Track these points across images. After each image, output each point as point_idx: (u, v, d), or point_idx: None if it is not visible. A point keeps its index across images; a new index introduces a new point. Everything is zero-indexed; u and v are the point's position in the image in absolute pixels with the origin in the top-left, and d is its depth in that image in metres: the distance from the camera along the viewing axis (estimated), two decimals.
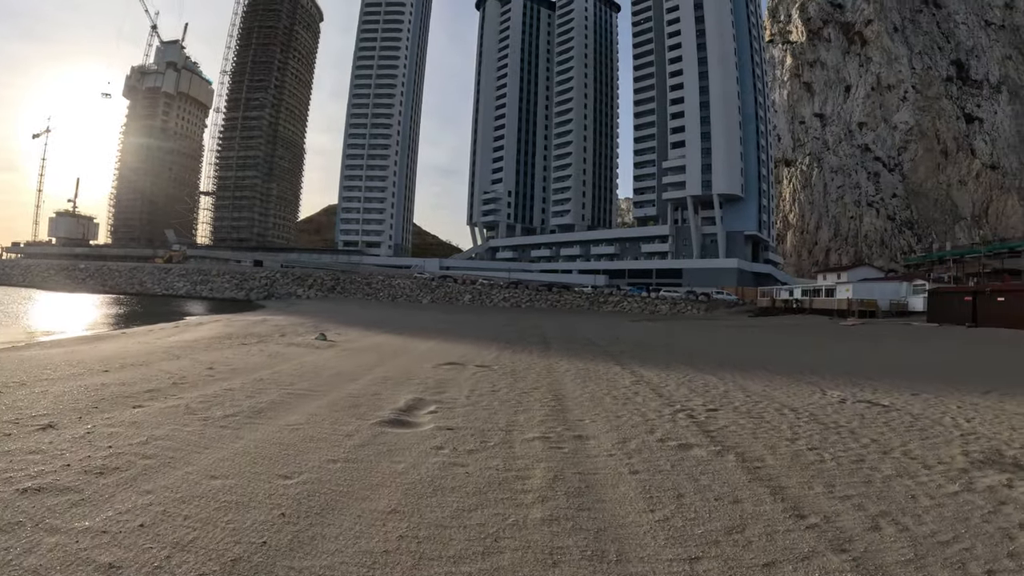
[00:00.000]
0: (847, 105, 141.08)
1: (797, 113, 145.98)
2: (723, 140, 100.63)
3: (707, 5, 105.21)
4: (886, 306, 58.07)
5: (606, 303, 77.14)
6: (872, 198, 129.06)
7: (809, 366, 17.16)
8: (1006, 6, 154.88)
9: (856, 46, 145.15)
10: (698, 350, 22.81)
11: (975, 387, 13.36)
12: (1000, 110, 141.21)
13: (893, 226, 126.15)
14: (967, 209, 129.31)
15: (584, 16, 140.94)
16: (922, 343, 29.55)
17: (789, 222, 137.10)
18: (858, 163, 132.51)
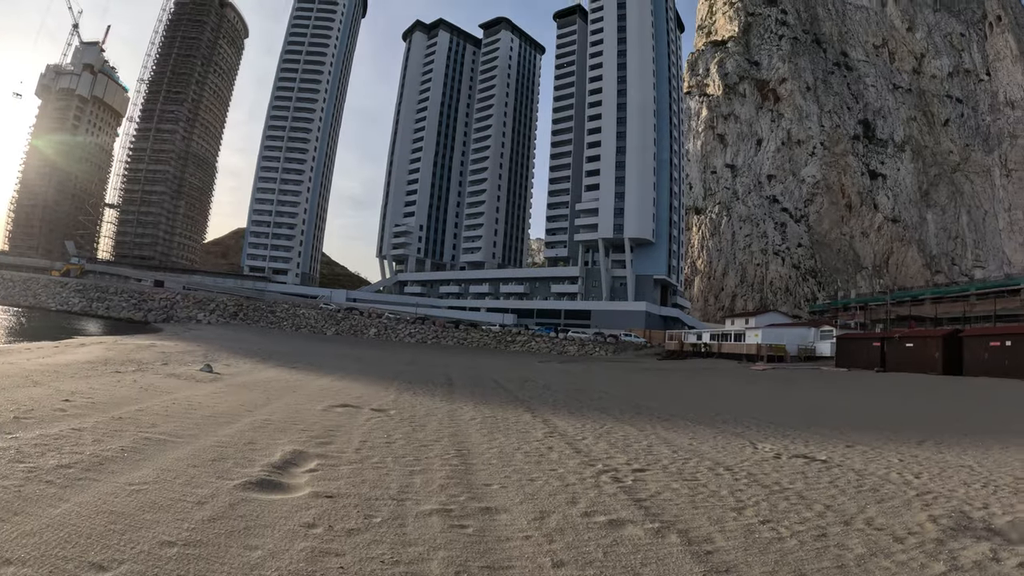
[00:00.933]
0: (758, 158, 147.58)
1: (709, 163, 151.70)
2: (637, 185, 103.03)
3: (630, 53, 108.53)
4: (794, 351, 59.43)
5: (514, 342, 77.23)
6: (778, 247, 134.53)
7: (730, 414, 17.02)
8: (913, 71, 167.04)
9: (769, 102, 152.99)
10: (611, 395, 22.34)
11: (907, 436, 13.57)
12: (903, 167, 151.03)
13: (798, 274, 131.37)
14: (869, 259, 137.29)
15: (508, 56, 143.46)
16: (838, 389, 30.13)
17: (697, 268, 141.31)
18: (766, 213, 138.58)
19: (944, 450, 11.60)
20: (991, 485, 8.70)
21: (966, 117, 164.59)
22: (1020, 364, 36.25)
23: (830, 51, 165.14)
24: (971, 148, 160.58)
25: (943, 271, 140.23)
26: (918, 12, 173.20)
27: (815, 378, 38.26)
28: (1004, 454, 11.53)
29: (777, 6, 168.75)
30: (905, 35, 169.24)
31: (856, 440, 12.53)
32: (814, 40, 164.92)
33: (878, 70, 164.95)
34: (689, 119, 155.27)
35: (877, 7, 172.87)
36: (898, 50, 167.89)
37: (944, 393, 28.07)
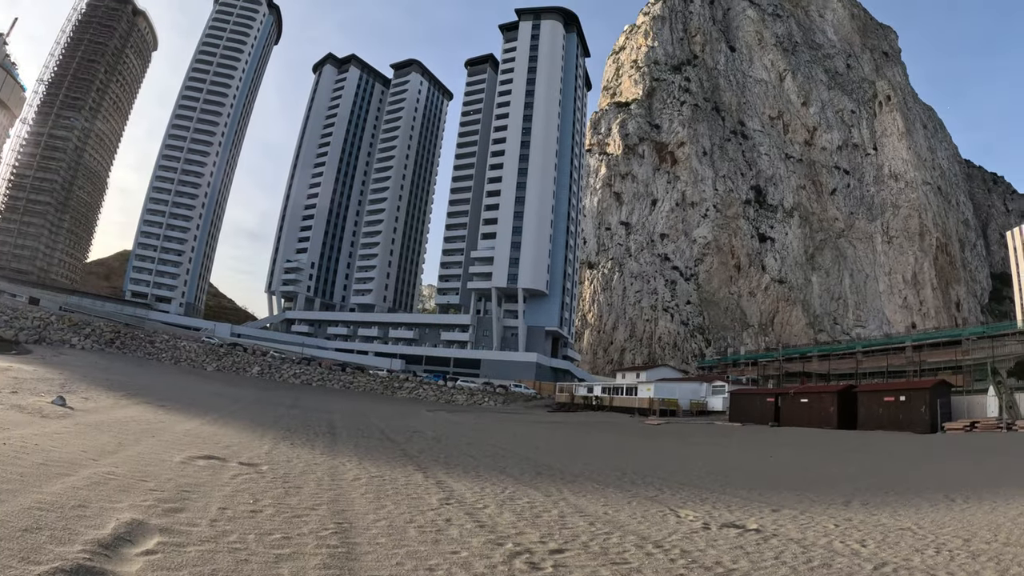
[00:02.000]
0: (652, 217, 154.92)
1: (605, 220, 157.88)
2: (534, 236, 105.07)
3: (537, 106, 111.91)
4: (686, 405, 61.18)
5: (401, 388, 76.74)
6: (668, 303, 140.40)
7: (637, 474, 16.37)
8: (805, 143, 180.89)
9: (667, 164, 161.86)
10: (508, 451, 21.46)
11: (829, 496, 13.30)
12: (791, 232, 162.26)
13: (686, 330, 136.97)
14: (755, 318, 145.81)
15: (416, 98, 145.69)
16: (739, 445, 30.23)
17: (588, 321, 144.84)
18: (657, 271, 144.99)
19: (875, 511, 11.39)
20: (944, 550, 8.47)
21: (852, 187, 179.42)
22: (914, 418, 38.96)
23: (728, 119, 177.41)
24: (856, 216, 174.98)
25: (826, 330, 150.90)
26: (813, 88, 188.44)
27: (712, 433, 38.98)
28: (936, 512, 11.60)
29: (681, 74, 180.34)
30: (800, 109, 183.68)
31: (779, 503, 12.18)
32: (714, 108, 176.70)
33: (772, 140, 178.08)
34: (587, 176, 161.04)
35: (776, 81, 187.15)
36: (792, 122, 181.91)
37: (846, 448, 28.86)
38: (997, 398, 41.96)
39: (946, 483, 16.55)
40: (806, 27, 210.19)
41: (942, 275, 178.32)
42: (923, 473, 19.74)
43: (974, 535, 9.43)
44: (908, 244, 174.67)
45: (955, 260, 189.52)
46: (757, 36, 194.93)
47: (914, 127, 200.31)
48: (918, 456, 24.91)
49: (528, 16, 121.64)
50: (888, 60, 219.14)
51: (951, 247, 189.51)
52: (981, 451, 26.21)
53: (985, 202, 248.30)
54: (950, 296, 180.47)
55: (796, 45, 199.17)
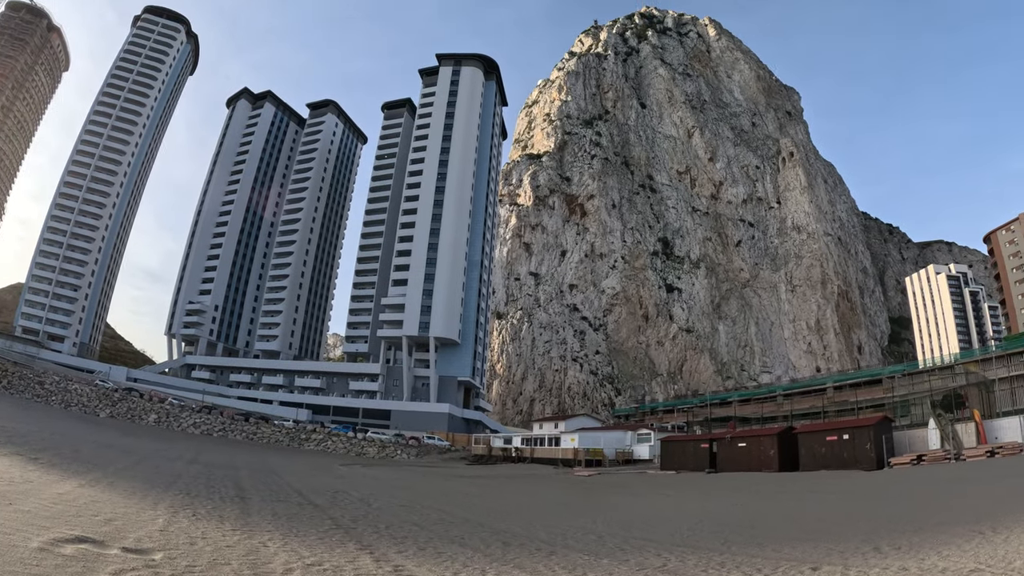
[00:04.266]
0: (561, 268, 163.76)
1: (514, 270, 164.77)
2: (447, 284, 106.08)
3: (453, 152, 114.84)
4: (612, 455, 61.13)
5: (309, 440, 74.50)
6: (577, 353, 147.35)
7: (616, 536, 15.11)
8: (712, 197, 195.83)
9: (576, 216, 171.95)
10: (453, 514, 19.30)
11: (850, 544, 12.95)
12: (698, 282, 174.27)
13: (596, 380, 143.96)
14: (664, 366, 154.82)
15: (331, 139, 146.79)
16: (690, 494, 29.98)
17: (496, 372, 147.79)
18: (566, 321, 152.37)
19: (918, 553, 11.41)
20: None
21: (757, 239, 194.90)
22: (859, 456, 39.93)
23: (637, 173, 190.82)
24: (760, 266, 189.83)
25: (733, 376, 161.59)
26: (720, 145, 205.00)
27: (653, 483, 38.41)
28: (982, 547, 11.61)
29: (593, 128, 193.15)
30: (707, 164, 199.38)
31: (806, 558, 11.60)
32: (624, 162, 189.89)
33: (680, 194, 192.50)
34: (498, 226, 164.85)
35: (684, 138, 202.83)
36: (699, 177, 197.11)
37: (806, 489, 29.49)
38: (939, 430, 44.36)
39: (953, 516, 16.69)
40: (714, 86, 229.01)
41: (844, 321, 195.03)
42: (916, 507, 20.13)
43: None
44: (811, 292, 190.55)
45: (856, 306, 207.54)
46: (667, 94, 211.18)
47: (815, 182, 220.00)
48: (893, 492, 25.24)
49: (449, 62, 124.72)
50: (791, 119, 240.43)
51: (852, 294, 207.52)
52: (950, 481, 27.53)
53: (882, 251, 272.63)
54: (852, 340, 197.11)
55: (704, 103, 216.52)
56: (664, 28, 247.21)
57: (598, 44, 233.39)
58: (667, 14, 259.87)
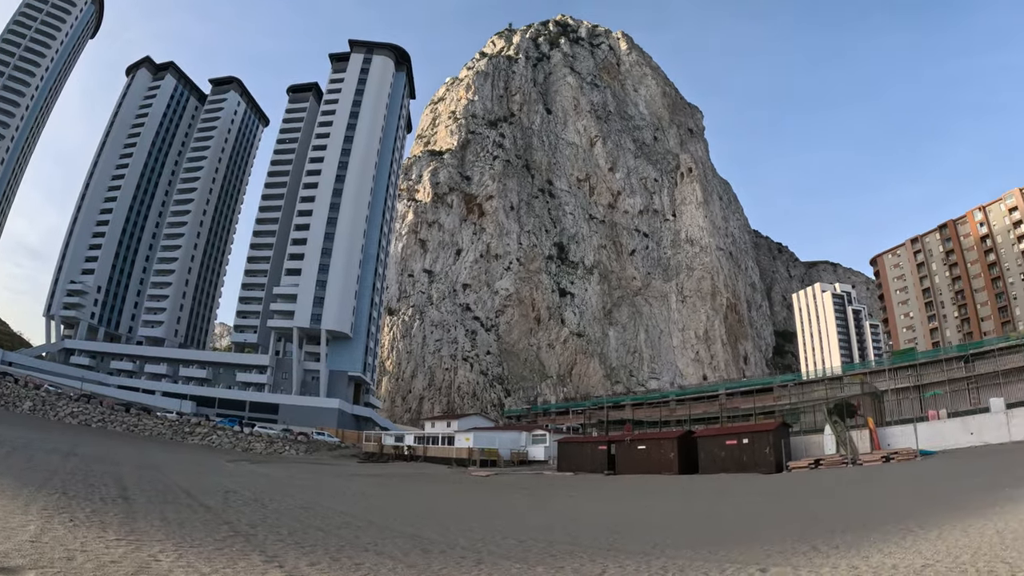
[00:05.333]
0: (456, 266, 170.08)
1: (408, 266, 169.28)
2: (342, 275, 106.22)
3: (357, 141, 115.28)
4: (507, 455, 62.28)
5: (193, 434, 71.70)
6: (468, 353, 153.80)
7: (541, 541, 14.83)
8: (609, 206, 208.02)
9: (474, 216, 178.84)
10: (358, 517, 18.67)
11: (788, 545, 13.19)
12: (590, 288, 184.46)
13: (486, 380, 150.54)
14: (554, 369, 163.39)
15: (231, 119, 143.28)
16: (598, 496, 30.27)
17: (386, 368, 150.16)
18: (458, 320, 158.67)
19: (860, 551, 11.81)
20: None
21: (651, 249, 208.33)
22: (759, 459, 42.29)
23: (538, 178, 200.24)
24: (652, 276, 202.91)
25: (622, 381, 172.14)
26: (621, 156, 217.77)
27: (554, 485, 39.08)
28: (918, 543, 12.33)
29: (497, 129, 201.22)
30: (607, 174, 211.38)
31: (751, 560, 11.78)
32: (525, 166, 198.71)
33: (578, 200, 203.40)
34: (394, 220, 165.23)
35: (586, 146, 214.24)
36: (598, 186, 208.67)
37: (714, 491, 30.93)
38: (835, 436, 47.10)
39: (875, 515, 17.52)
40: (621, 99, 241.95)
41: (731, 332, 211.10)
42: (834, 507, 21.21)
43: (995, 554, 10.23)
44: (701, 303, 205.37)
45: (743, 319, 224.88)
46: (574, 102, 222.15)
47: (711, 198, 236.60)
48: (803, 494, 26.66)
49: (361, 49, 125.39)
50: (693, 136, 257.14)
51: (740, 307, 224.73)
52: (856, 484, 29.72)
53: (770, 268, 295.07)
54: (738, 351, 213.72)
55: (610, 114, 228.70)
56: (577, 37, 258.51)
57: (510, 47, 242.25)
58: (581, 24, 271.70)
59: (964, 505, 17.67)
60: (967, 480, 26.31)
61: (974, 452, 40.84)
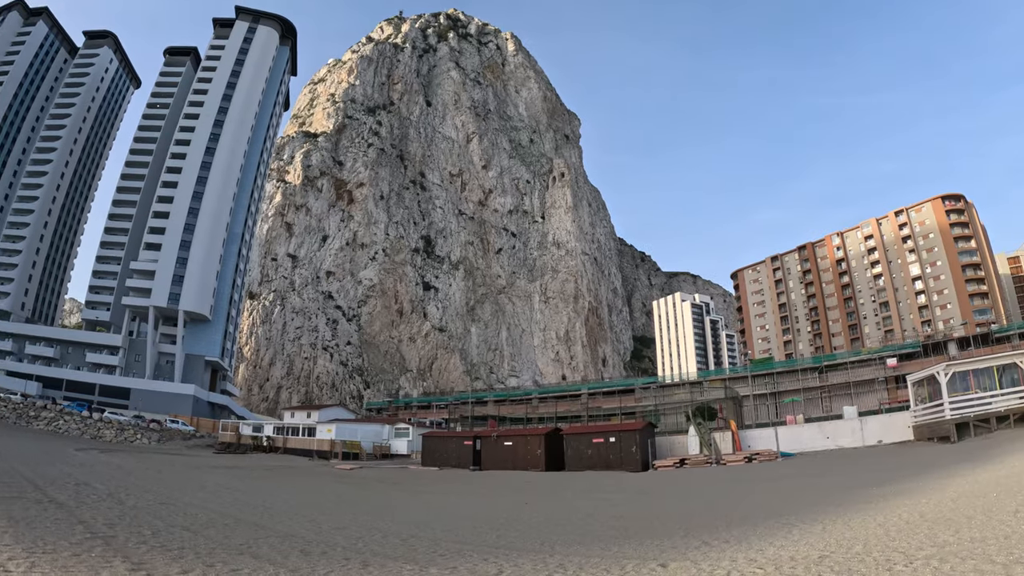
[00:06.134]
0: (320, 253, 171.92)
1: (272, 249, 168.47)
2: (204, 254, 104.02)
3: (231, 114, 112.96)
4: (369, 448, 62.52)
5: (38, 418, 67.51)
6: (328, 343, 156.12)
7: (429, 540, 14.39)
8: (479, 203, 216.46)
9: (343, 202, 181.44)
10: (225, 515, 17.56)
11: (678, 540, 13.62)
12: (455, 284, 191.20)
13: (345, 371, 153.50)
14: (414, 363, 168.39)
15: (101, 76, 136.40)
16: (469, 492, 30.34)
17: (244, 355, 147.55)
18: (320, 308, 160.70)
19: (755, 544, 12.40)
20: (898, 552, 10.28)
21: (517, 249, 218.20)
22: (625, 458, 43.99)
23: (411, 169, 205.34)
24: (517, 275, 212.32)
25: (482, 378, 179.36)
26: (496, 155, 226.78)
27: (422, 479, 39.19)
28: (804, 536, 13.03)
29: (375, 117, 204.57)
30: (480, 171, 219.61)
31: (641, 555, 11.95)
32: (399, 156, 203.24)
33: (449, 195, 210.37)
34: (261, 200, 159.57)
35: (463, 142, 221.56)
36: (471, 182, 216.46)
37: (586, 488, 31.66)
38: (699, 437, 49.74)
39: (753, 511, 18.54)
40: (502, 98, 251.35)
41: (592, 335, 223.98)
42: (709, 504, 22.23)
43: (885, 544, 11.14)
44: (563, 305, 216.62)
45: (604, 322, 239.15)
46: (455, 97, 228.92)
47: (581, 203, 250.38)
48: (675, 491, 28.02)
49: (247, 17, 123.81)
50: (568, 142, 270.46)
51: (601, 311, 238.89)
52: (726, 482, 31.55)
53: (632, 275, 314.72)
54: (598, 353, 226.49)
55: (489, 112, 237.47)
56: (466, 33, 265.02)
57: (398, 35, 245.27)
58: (472, 20, 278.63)
59: (839, 502, 18.96)
60: (832, 479, 28.28)
61: (832, 455, 44.85)
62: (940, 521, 13.28)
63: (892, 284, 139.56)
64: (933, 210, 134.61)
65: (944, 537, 11.35)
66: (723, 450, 48.19)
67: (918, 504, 16.38)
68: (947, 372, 40.88)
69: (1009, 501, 14.57)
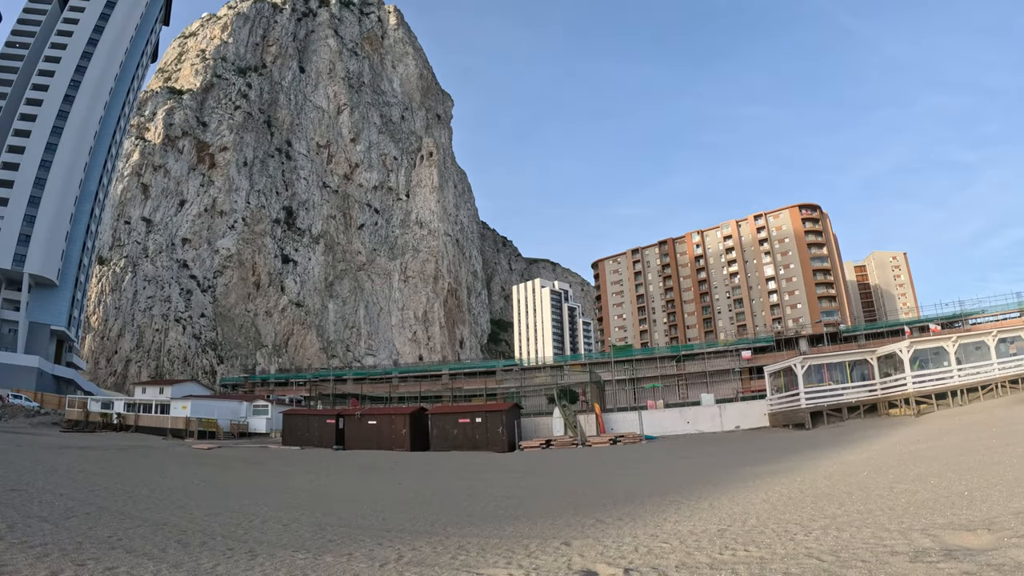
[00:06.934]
0: (177, 218, 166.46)
1: (126, 212, 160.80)
2: (53, 211, 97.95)
3: (96, 61, 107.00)
4: (227, 427, 60.60)
5: None
6: (181, 314, 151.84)
7: (302, 526, 13.59)
8: (345, 177, 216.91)
9: (204, 166, 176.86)
10: (86, 502, 16.29)
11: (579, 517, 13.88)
12: (314, 258, 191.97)
13: (198, 345, 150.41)
14: (270, 338, 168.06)
15: None
16: (339, 474, 30.24)
17: (91, 325, 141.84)
18: (174, 277, 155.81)
19: (652, 518, 12.97)
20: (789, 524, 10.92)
21: (380, 226, 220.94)
22: (492, 438, 45.01)
23: (277, 136, 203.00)
24: (378, 253, 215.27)
25: (338, 356, 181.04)
26: (365, 128, 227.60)
27: (286, 459, 38.16)
28: (695, 512, 13.49)
29: (245, 78, 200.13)
30: (348, 144, 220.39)
31: (540, 534, 11.99)
32: (267, 122, 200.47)
33: (314, 166, 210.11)
34: (118, 159, 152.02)
35: (333, 113, 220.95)
36: (338, 155, 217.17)
37: (458, 467, 32.34)
38: (564, 419, 51.31)
39: (637, 490, 19.23)
40: (377, 72, 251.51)
41: (450, 316, 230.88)
42: (590, 484, 22.86)
43: (778, 517, 11.78)
44: (423, 285, 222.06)
45: (463, 304, 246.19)
46: (330, 65, 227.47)
47: (447, 184, 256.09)
48: (550, 472, 28.70)
49: None
50: (439, 122, 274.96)
51: (460, 292, 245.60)
52: (597, 463, 31.63)
53: (493, 259, 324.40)
54: (455, 334, 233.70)
55: (363, 85, 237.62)
56: (349, 1, 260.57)
57: None
58: None
59: (715, 481, 19.63)
60: (702, 461, 29.20)
61: (693, 439, 46.54)
62: (822, 496, 14.19)
63: (747, 282, 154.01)
64: (790, 217, 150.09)
65: (831, 510, 12.16)
66: (587, 432, 49.84)
67: (794, 482, 17.50)
68: (803, 365, 44.95)
69: (880, 479, 15.94)
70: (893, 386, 42.62)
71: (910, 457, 20.05)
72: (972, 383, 40.40)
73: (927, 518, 10.25)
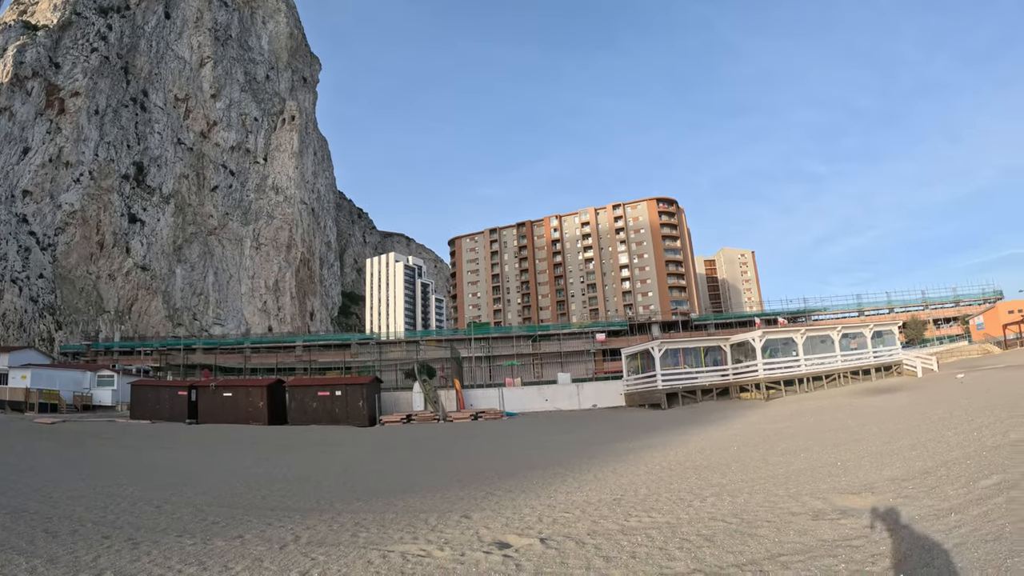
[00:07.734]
0: (19, 167, 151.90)
1: None
2: None
3: None
4: (70, 399, 57.96)
5: None
6: (18, 274, 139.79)
7: (180, 507, 12.95)
8: (201, 134, 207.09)
9: (53, 111, 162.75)
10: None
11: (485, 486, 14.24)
12: (164, 219, 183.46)
13: (36, 309, 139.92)
14: (112, 303, 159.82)
15: None
16: (199, 449, 29.21)
17: None
18: (12, 232, 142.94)
19: (535, 496, 12.79)
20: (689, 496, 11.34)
21: (234, 189, 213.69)
22: (352, 412, 45.38)
23: (134, 85, 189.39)
24: (231, 217, 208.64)
25: (184, 324, 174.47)
26: (227, 85, 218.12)
27: (138, 434, 36.75)
28: (598, 482, 14.12)
29: (106, 19, 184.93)
30: (208, 100, 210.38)
31: (438, 507, 12.11)
32: (124, 68, 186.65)
33: (170, 120, 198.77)
34: None
35: (195, 65, 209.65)
36: (196, 110, 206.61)
37: (321, 443, 31.66)
38: (424, 394, 52.12)
39: (515, 464, 19.70)
40: (246, 26, 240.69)
41: (301, 287, 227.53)
42: (460, 457, 23.45)
43: (665, 486, 12.63)
44: (275, 253, 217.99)
45: (315, 275, 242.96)
46: (198, 13, 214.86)
47: (307, 151, 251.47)
48: (416, 446, 29.13)
49: None
50: (305, 85, 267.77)
51: (313, 263, 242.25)
52: (462, 438, 32.08)
53: (348, 231, 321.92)
54: (306, 306, 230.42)
55: (230, 39, 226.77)
56: None
57: None
58: None
59: (591, 455, 20.11)
60: (570, 436, 29.76)
61: (553, 415, 48.05)
62: (701, 468, 14.85)
63: (601, 268, 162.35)
64: (648, 209, 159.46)
65: (716, 479, 12.83)
66: (448, 408, 51.06)
67: (670, 456, 18.13)
68: (661, 348, 46.87)
69: (753, 452, 16.92)
70: (745, 372, 46.35)
71: (774, 434, 21.25)
72: (818, 372, 45.48)
73: (811, 484, 11.19)
